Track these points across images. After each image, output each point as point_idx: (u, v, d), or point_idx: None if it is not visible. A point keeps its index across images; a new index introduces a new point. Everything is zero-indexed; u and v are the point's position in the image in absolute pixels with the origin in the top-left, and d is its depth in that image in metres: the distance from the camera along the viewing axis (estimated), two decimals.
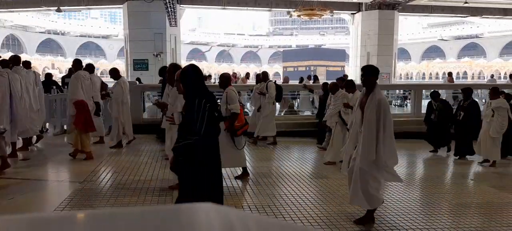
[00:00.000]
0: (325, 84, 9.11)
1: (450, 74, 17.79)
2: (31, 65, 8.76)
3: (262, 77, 9.00)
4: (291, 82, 15.29)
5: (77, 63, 7.65)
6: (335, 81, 7.79)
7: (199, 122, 3.12)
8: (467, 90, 7.83)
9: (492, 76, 18.66)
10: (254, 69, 59.17)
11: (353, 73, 25.15)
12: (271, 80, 8.89)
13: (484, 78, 47.54)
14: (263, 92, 8.59)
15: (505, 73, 49.97)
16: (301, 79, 14.80)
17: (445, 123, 8.01)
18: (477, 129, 7.38)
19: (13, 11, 30.48)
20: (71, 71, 10.64)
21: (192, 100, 3.19)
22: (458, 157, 7.69)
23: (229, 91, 5.52)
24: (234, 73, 18.08)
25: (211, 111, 3.19)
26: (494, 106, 6.99)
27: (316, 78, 16.00)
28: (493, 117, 6.98)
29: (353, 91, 6.54)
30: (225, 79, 5.79)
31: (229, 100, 5.42)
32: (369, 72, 4.02)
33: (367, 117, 3.90)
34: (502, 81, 35.11)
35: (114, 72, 7.99)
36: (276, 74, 59.31)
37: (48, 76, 11.08)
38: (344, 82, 7.30)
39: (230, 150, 5.37)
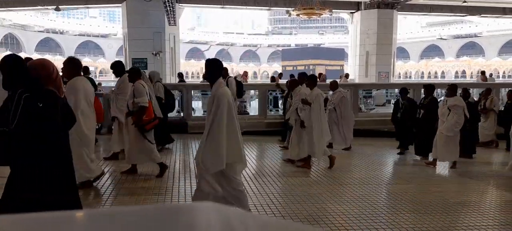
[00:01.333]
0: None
1: (483, 73, 18.01)
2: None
3: (224, 73, 8.76)
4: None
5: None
6: (295, 77, 7.69)
7: (12, 113, 2.82)
8: (429, 86, 7.63)
9: (483, 73, 18.55)
10: (253, 68, 59.21)
11: (352, 72, 25.17)
12: (231, 76, 8.68)
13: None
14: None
15: (504, 72, 50.09)
16: (272, 78, 14.88)
17: (409, 121, 7.81)
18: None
19: (11, 10, 30.41)
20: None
21: (14, 90, 2.89)
22: (420, 156, 7.46)
23: (137, 85, 5.45)
24: (245, 72, 18.14)
25: (30, 103, 2.80)
26: (450, 105, 6.69)
27: (317, 77, 15.95)
28: (449, 115, 6.68)
29: (313, 87, 6.46)
30: (134, 72, 5.71)
31: (137, 94, 5.37)
32: (211, 66, 3.82)
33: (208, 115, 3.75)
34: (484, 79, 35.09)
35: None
36: (275, 73, 59.25)
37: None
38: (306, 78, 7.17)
39: (139, 144, 5.37)
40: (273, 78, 15.30)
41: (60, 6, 21.56)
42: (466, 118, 6.77)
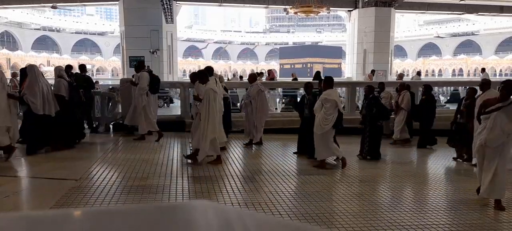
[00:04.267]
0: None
1: (483, 70, 18.45)
2: None
3: (137, 66, 8.63)
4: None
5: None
6: (195, 71, 7.55)
7: None
8: (369, 87, 7.61)
9: (483, 70, 19.39)
10: (251, 66, 59.16)
11: (350, 70, 25.19)
12: (145, 70, 8.49)
13: (480, 75, 47.80)
14: (135, 83, 8.36)
15: (501, 70, 50.28)
16: (233, 76, 14.92)
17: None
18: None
19: (8, 8, 30.19)
20: (68, 69, 10.62)
21: None
22: (370, 157, 7.21)
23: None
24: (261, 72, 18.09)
25: None
26: (322, 98, 6.16)
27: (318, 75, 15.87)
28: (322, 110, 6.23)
29: (204, 83, 6.40)
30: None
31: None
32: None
33: None
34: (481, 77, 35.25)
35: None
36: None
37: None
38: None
39: None
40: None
41: (56, 4, 21.46)
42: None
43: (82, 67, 9.31)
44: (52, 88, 7.17)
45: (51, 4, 21.22)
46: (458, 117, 7.21)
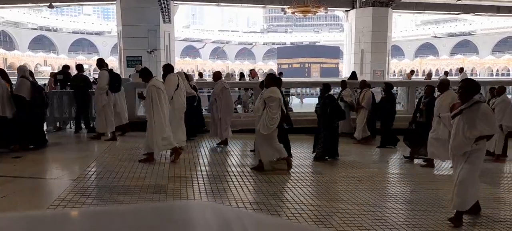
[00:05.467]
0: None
1: (461, 70, 18.40)
2: None
3: (97, 64, 8.48)
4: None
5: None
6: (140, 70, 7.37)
7: None
8: (325, 85, 7.54)
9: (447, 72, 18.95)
10: (248, 66, 59.18)
11: (347, 70, 25.23)
12: (105, 69, 8.34)
13: (477, 75, 48.07)
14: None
15: (497, 70, 50.50)
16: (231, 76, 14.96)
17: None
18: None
19: (4, 7, 30.10)
20: (65, 68, 10.60)
21: None
22: (329, 157, 7.03)
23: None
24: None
25: None
26: (266, 97, 5.88)
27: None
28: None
29: (148, 80, 6.31)
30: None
31: None
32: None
33: None
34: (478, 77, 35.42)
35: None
36: (271, 71, 59.22)
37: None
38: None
39: None
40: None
41: (53, 3, 21.37)
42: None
43: (79, 67, 9.28)
44: (13, 88, 7.15)
45: (47, 4, 21.13)
46: (418, 116, 7.05)
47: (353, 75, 15.49)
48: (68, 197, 4.65)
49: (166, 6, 18.04)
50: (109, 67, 8.78)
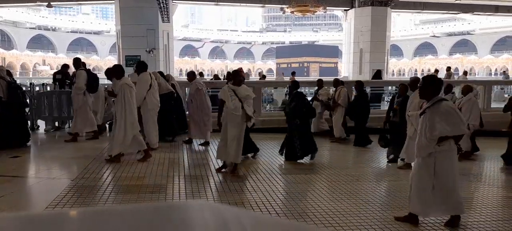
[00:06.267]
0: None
1: (448, 69, 18.24)
2: None
3: (73, 63, 8.33)
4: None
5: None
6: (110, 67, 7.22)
7: None
8: (293, 82, 7.49)
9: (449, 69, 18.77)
10: (247, 65, 59.20)
11: (346, 69, 25.26)
12: (82, 69, 8.25)
13: (476, 74, 48.17)
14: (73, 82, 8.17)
15: (496, 70, 50.60)
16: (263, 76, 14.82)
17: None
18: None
19: (2, 7, 30.06)
20: (64, 68, 10.55)
21: None
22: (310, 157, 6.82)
23: None
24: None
25: None
26: (244, 95, 5.74)
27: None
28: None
29: (119, 78, 6.27)
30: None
31: None
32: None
33: None
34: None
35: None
36: (270, 70, 59.37)
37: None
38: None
39: None
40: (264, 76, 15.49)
41: (52, 2, 21.34)
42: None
43: (81, 63, 9.24)
44: None
45: (46, 3, 21.09)
46: (391, 115, 6.93)
47: (378, 74, 15.19)
48: (66, 196, 4.65)
49: (165, 5, 18.02)
50: (86, 67, 8.70)
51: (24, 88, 8.68)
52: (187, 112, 8.76)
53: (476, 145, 7.55)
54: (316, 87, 9.57)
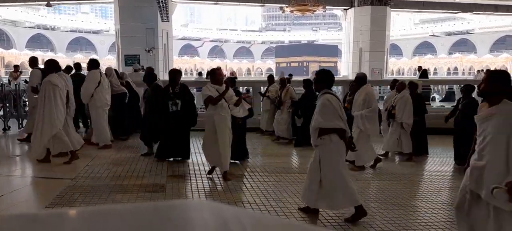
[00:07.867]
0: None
1: (423, 68, 18.07)
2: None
3: (29, 62, 8.14)
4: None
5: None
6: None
7: None
8: (270, 77, 7.42)
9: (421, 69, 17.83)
10: (247, 65, 59.16)
11: (346, 68, 25.27)
12: (37, 68, 7.90)
13: (475, 73, 48.19)
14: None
15: (495, 69, 50.58)
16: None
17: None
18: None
19: (1, 6, 29.99)
20: (67, 70, 10.52)
21: None
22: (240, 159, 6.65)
23: None
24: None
25: None
26: (229, 95, 5.63)
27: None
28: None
29: (47, 74, 6.05)
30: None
31: None
32: None
33: None
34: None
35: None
36: (269, 70, 59.33)
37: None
38: None
39: None
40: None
41: (51, 2, 21.31)
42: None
43: (77, 66, 9.26)
44: None
45: (45, 2, 21.06)
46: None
47: (424, 73, 14.84)
48: (66, 196, 4.65)
49: (164, 4, 18.00)
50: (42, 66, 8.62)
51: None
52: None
53: (426, 147, 7.35)
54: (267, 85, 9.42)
